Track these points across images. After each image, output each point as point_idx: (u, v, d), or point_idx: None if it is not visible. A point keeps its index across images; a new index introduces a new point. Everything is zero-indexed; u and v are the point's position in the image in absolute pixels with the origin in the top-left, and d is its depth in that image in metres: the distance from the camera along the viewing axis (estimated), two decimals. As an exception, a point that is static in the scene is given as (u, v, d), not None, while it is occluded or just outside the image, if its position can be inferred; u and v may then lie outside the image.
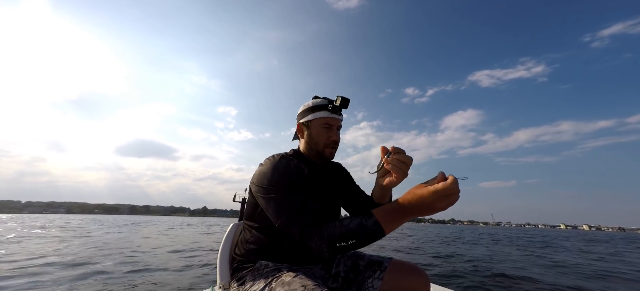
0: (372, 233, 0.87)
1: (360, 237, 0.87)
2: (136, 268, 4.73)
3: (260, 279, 1.00)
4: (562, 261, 7.10)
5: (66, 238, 9.90)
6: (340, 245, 0.87)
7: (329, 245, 0.88)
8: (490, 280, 4.52)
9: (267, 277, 0.99)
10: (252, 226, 1.13)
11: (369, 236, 0.87)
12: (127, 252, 6.52)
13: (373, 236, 0.87)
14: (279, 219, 0.97)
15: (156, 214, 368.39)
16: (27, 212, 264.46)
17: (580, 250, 11.00)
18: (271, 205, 1.00)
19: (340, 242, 0.87)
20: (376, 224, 0.86)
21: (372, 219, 0.87)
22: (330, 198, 1.21)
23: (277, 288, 0.93)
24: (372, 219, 0.87)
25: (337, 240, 0.87)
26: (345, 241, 0.87)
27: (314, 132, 1.16)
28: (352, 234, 0.87)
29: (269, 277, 0.99)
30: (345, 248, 0.87)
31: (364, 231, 0.87)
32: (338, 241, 0.87)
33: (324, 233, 0.89)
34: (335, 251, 0.88)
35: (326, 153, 1.16)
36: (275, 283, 0.95)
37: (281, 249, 1.09)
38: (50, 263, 4.94)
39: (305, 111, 1.17)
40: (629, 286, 4.34)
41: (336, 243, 0.87)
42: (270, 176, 1.03)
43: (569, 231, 76.56)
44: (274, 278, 0.97)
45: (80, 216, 78.63)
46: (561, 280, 4.61)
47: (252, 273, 1.05)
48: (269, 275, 1.00)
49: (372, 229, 0.86)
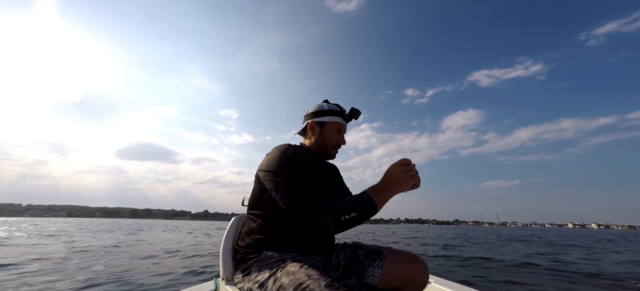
0: (368, 206, 1.00)
1: (359, 209, 0.99)
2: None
3: (265, 269, 1.03)
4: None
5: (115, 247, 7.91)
6: (344, 218, 0.97)
7: (334, 219, 0.97)
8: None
9: (271, 267, 1.02)
10: (256, 215, 1.17)
11: (365, 209, 0.99)
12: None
13: (369, 209, 0.99)
14: (288, 201, 1.03)
15: (157, 217, 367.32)
16: (28, 215, 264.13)
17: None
18: (280, 187, 1.06)
19: (344, 215, 0.97)
20: (369, 198, 1.01)
21: (365, 195, 1.03)
22: (328, 187, 1.30)
23: (282, 277, 0.95)
24: (365, 195, 1.02)
25: (341, 214, 0.97)
26: (348, 214, 0.97)
27: (326, 133, 1.30)
28: (353, 207, 0.99)
29: (274, 267, 1.02)
30: (348, 221, 0.98)
31: (361, 203, 1.00)
32: (342, 214, 0.97)
33: (330, 208, 0.99)
34: (340, 224, 0.97)
35: (332, 153, 1.33)
36: (281, 272, 0.98)
37: (285, 238, 1.13)
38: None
39: (321, 112, 1.31)
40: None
41: (341, 217, 0.97)
42: (279, 161, 1.11)
43: (578, 230, 74.24)
44: (279, 268, 1.00)
45: (99, 220, 75.38)
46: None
47: (257, 263, 1.08)
48: (273, 265, 1.03)
49: (367, 201, 1.00)
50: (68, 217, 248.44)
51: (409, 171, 1.02)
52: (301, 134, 1.39)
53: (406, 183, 1.02)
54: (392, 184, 1.02)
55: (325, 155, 1.32)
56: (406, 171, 1.02)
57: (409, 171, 1.02)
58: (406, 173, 1.01)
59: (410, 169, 1.02)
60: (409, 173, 1.01)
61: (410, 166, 1.03)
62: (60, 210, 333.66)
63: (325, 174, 1.34)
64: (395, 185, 1.02)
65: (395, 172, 1.02)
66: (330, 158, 1.35)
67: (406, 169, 1.02)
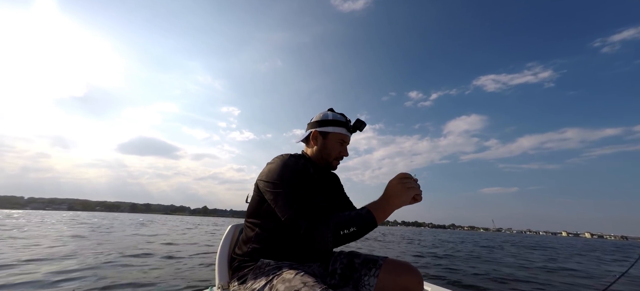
0: (367, 220, 1.00)
1: (359, 224, 0.99)
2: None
3: (261, 277, 1.04)
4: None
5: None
6: (343, 232, 0.97)
7: (334, 233, 0.97)
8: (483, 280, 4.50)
9: (268, 275, 1.03)
10: (255, 224, 1.17)
11: (365, 223, 1.00)
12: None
13: (368, 223, 1.00)
14: (287, 213, 1.03)
15: (157, 212, 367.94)
16: (30, 208, 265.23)
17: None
18: (280, 199, 1.05)
19: (343, 229, 0.98)
20: (369, 212, 1.01)
21: (364, 209, 1.04)
22: (329, 199, 1.30)
23: (278, 285, 0.96)
24: (364, 209, 1.03)
25: (340, 228, 0.98)
26: (347, 228, 0.98)
27: (329, 144, 1.27)
28: (353, 222, 0.99)
29: (270, 275, 1.02)
30: (348, 235, 0.98)
31: (361, 218, 1.00)
32: (342, 228, 0.98)
33: (330, 222, 0.99)
34: (339, 239, 0.97)
35: (334, 164, 1.31)
36: (276, 280, 0.98)
37: (283, 246, 1.13)
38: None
39: (325, 122, 1.28)
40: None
41: (340, 231, 0.97)
42: (279, 172, 1.10)
43: (570, 239, 74.68)
44: (275, 275, 1.01)
45: (113, 214, 75.85)
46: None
47: (253, 271, 1.08)
48: (270, 273, 1.03)
49: (367, 216, 1.00)
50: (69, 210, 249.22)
51: (407, 184, 1.01)
52: (304, 142, 1.37)
53: (405, 196, 1.01)
54: (391, 198, 1.02)
55: (326, 166, 1.31)
56: (404, 185, 1.01)
57: (407, 184, 1.01)
58: (404, 187, 1.00)
59: (409, 182, 1.01)
60: (407, 186, 1.01)
61: (409, 180, 1.02)
62: (61, 204, 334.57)
63: (326, 185, 1.33)
64: (395, 199, 1.01)
65: (394, 186, 1.02)
66: (331, 169, 1.33)
67: (404, 182, 1.01)
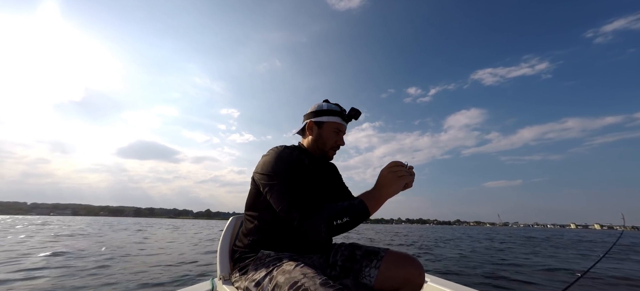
0: (360, 210, 1.00)
1: (352, 214, 0.99)
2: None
3: (262, 268, 1.05)
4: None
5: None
6: (336, 223, 0.98)
7: (327, 223, 0.97)
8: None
9: (268, 266, 1.04)
10: (253, 217, 1.19)
11: (357, 213, 1.00)
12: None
13: (361, 213, 1.00)
14: (281, 204, 1.04)
15: (160, 216, 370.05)
16: (34, 214, 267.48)
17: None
18: (274, 191, 1.07)
19: (337, 220, 0.98)
20: (361, 202, 1.02)
21: (357, 199, 1.04)
22: (325, 190, 1.30)
23: (278, 276, 0.97)
24: (357, 200, 1.04)
25: (333, 218, 0.98)
26: (340, 218, 0.98)
27: (324, 133, 1.28)
28: (345, 212, 0.99)
29: (270, 266, 1.03)
30: (341, 226, 0.98)
31: (353, 208, 1.01)
32: (335, 219, 0.98)
33: (323, 213, 1.00)
34: (332, 229, 0.98)
35: (330, 154, 1.31)
36: (276, 271, 0.99)
37: (282, 238, 1.14)
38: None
39: (320, 112, 1.28)
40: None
41: (333, 222, 0.98)
42: (274, 164, 1.11)
43: (579, 231, 73.69)
44: (275, 267, 1.02)
45: (129, 220, 76.43)
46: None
47: (254, 262, 1.10)
48: (270, 264, 1.05)
49: (359, 206, 1.01)
50: (73, 215, 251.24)
51: (397, 173, 1.01)
52: (300, 133, 1.38)
53: (396, 184, 1.01)
54: (383, 188, 1.02)
55: (323, 156, 1.31)
56: (394, 174, 1.01)
57: (397, 172, 1.01)
58: (395, 175, 1.01)
59: (399, 170, 1.02)
60: (398, 175, 1.01)
61: (398, 168, 1.02)
62: (65, 209, 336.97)
63: (323, 175, 1.33)
64: (386, 188, 1.02)
65: (385, 176, 1.03)
66: (327, 159, 1.33)
67: (394, 171, 1.02)
